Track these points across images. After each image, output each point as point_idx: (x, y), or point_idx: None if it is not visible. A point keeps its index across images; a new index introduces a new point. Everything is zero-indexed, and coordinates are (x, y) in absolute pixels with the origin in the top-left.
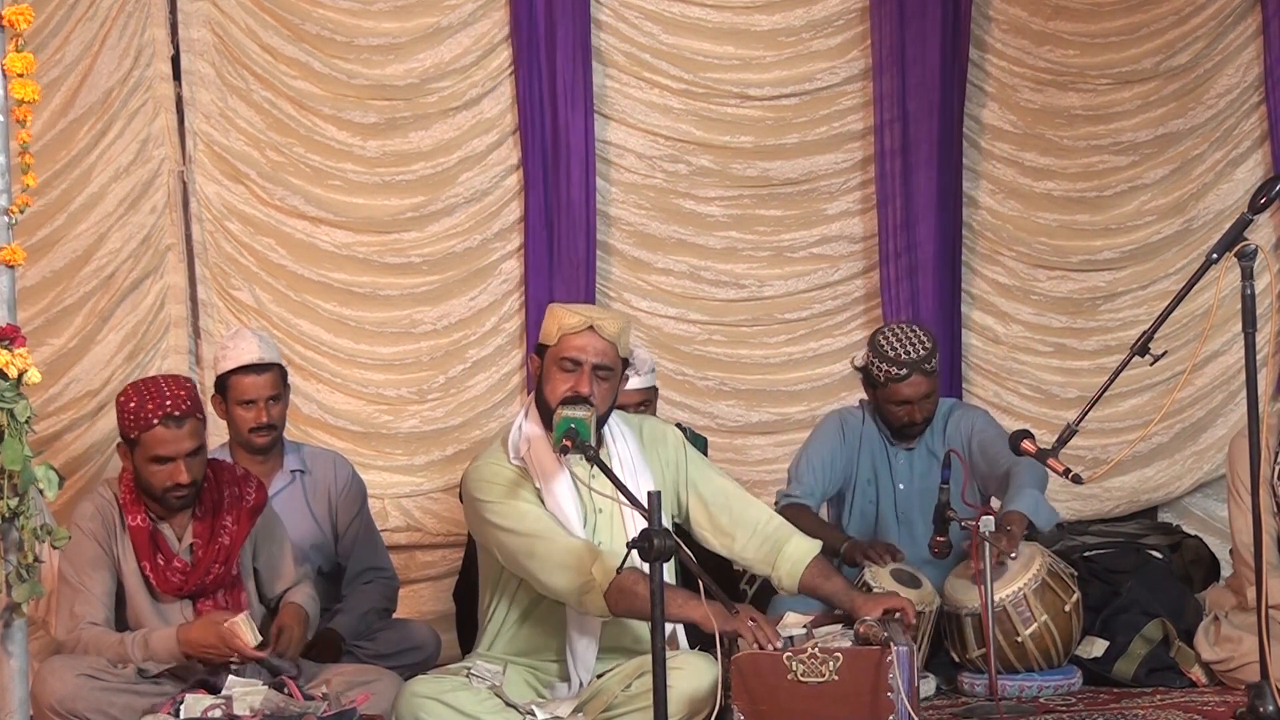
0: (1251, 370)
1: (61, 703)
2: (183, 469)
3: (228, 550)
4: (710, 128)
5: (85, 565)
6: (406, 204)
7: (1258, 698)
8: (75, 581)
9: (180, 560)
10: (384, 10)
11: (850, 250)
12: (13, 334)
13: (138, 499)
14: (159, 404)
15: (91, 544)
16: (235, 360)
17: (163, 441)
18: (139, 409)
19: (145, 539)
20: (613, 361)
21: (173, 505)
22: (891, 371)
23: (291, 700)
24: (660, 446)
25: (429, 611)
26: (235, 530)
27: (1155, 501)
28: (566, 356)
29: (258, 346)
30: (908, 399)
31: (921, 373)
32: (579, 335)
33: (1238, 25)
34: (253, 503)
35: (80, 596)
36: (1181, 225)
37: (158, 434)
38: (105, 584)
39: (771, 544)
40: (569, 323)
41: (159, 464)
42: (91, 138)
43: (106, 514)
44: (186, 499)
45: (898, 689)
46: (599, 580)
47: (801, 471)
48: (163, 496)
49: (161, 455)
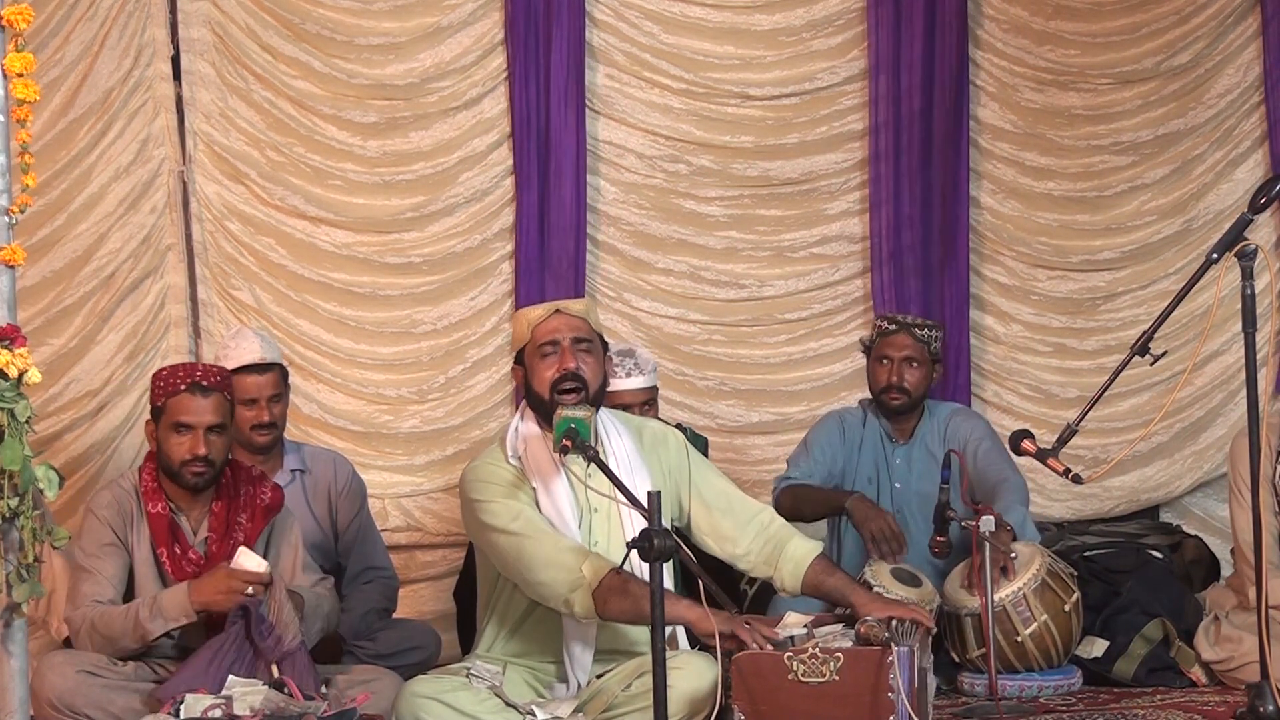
0: (1251, 370)
1: (60, 698)
2: (202, 441)
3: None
4: (710, 128)
5: (98, 549)
6: (406, 204)
7: (1258, 698)
8: (86, 564)
9: (195, 552)
10: (384, 10)
11: (850, 250)
12: (13, 334)
13: (158, 488)
14: (190, 372)
15: (106, 530)
16: (237, 359)
17: (186, 408)
18: (170, 375)
19: (164, 526)
20: (589, 334)
21: (189, 483)
22: (883, 326)
23: (291, 700)
24: (662, 449)
25: (429, 611)
26: (249, 528)
27: (1155, 501)
28: (543, 342)
29: (260, 346)
30: (891, 356)
31: (910, 334)
32: (548, 321)
33: (1238, 25)
34: (268, 502)
35: (91, 578)
36: (1182, 225)
37: (183, 400)
38: (116, 568)
39: (773, 545)
40: (534, 315)
41: (180, 433)
42: (91, 138)
43: (124, 503)
44: (204, 478)
45: (898, 689)
46: (588, 578)
47: (800, 458)
48: (180, 471)
49: (183, 422)
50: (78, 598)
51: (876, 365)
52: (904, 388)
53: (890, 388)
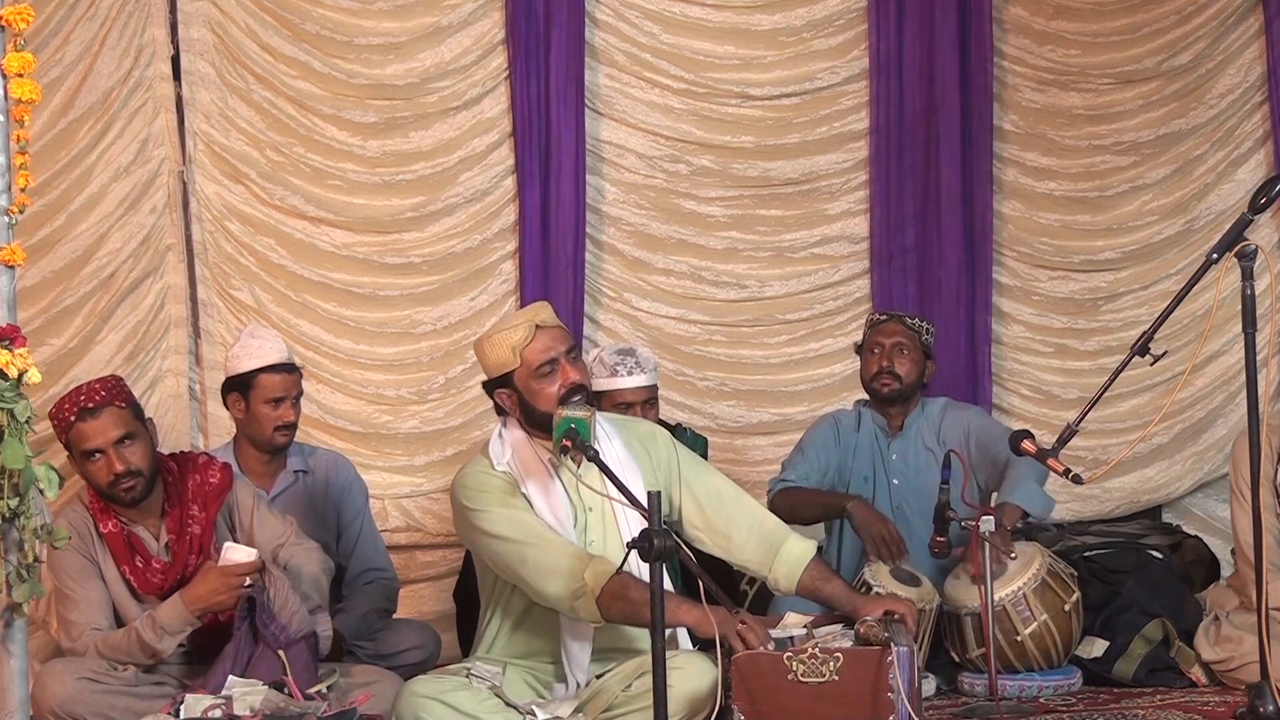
0: (1251, 370)
1: (62, 706)
2: (115, 458)
3: (200, 539)
4: (711, 128)
5: (75, 576)
6: (406, 204)
7: (1258, 698)
8: (69, 592)
9: (159, 560)
10: (384, 10)
11: (851, 250)
12: (13, 334)
13: (106, 507)
14: (74, 402)
15: (75, 556)
16: (262, 358)
17: (85, 435)
18: (59, 412)
19: (121, 543)
20: (570, 339)
21: (125, 500)
22: (874, 318)
23: (291, 700)
24: (651, 446)
25: (429, 611)
26: (203, 517)
27: (1155, 502)
28: (540, 363)
29: (283, 346)
30: (881, 344)
31: (900, 323)
32: (535, 340)
33: (1239, 25)
34: (216, 483)
35: (79, 607)
36: (1183, 225)
37: (79, 430)
38: (99, 591)
39: (768, 545)
40: (516, 338)
41: (92, 460)
42: (91, 138)
43: (81, 526)
44: (136, 490)
45: (898, 689)
46: (591, 585)
47: (795, 460)
48: (112, 493)
49: (88, 449)
50: (71, 629)
51: (868, 355)
52: (894, 372)
53: (881, 372)
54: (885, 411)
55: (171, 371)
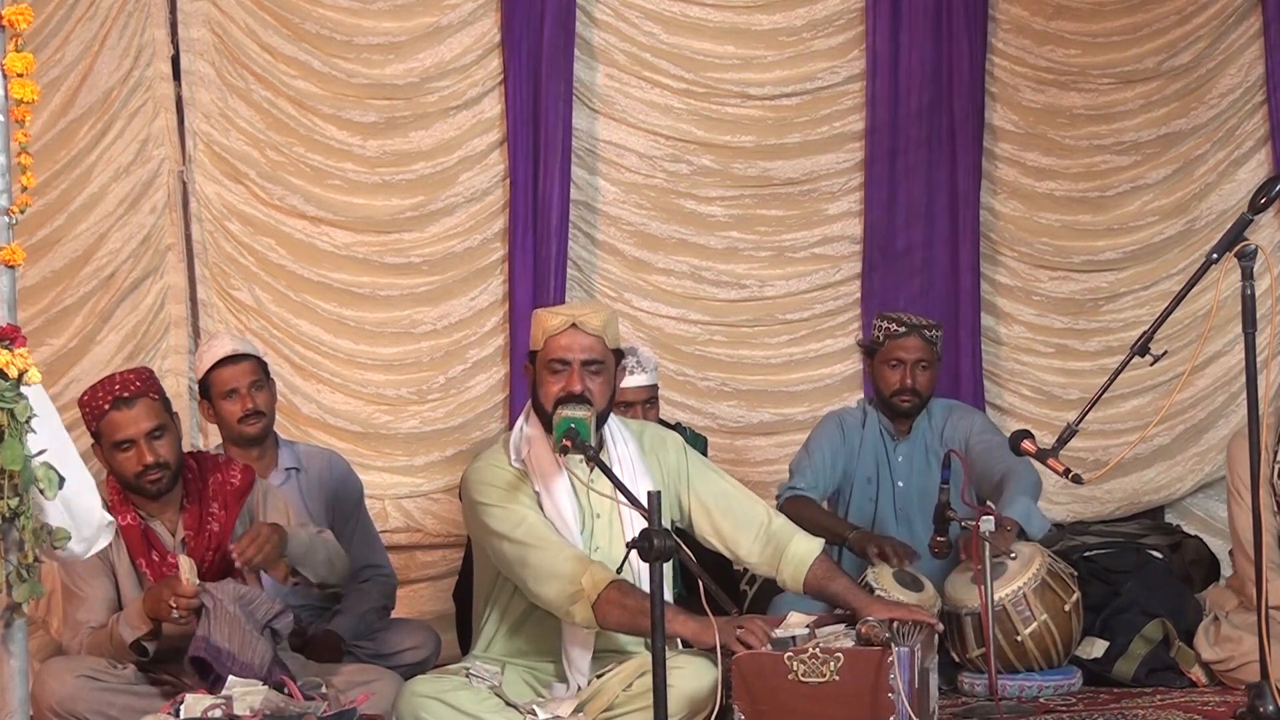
0: (1251, 371)
1: (61, 704)
2: (145, 450)
3: (218, 537)
4: (711, 127)
5: (84, 573)
6: (406, 204)
7: (1258, 698)
8: (77, 590)
9: (174, 555)
10: (383, 10)
11: (851, 250)
12: (13, 334)
13: (125, 499)
14: (108, 390)
15: None
16: (211, 357)
17: (118, 425)
18: (91, 400)
19: (138, 537)
20: (602, 355)
21: (150, 492)
22: (892, 329)
23: (291, 700)
24: (661, 451)
25: (429, 611)
26: (223, 516)
27: (1156, 503)
28: (554, 358)
29: (231, 340)
30: (902, 359)
31: (921, 337)
32: (562, 335)
33: (1240, 25)
34: (238, 485)
35: (83, 605)
36: (1184, 225)
37: (112, 419)
38: (105, 589)
39: (775, 545)
40: (551, 324)
41: (123, 450)
42: (91, 138)
43: None
44: (162, 483)
45: (898, 690)
46: (588, 590)
47: (803, 465)
48: (138, 484)
49: (120, 440)
50: (72, 624)
51: (886, 368)
52: (916, 390)
53: (904, 390)
54: (896, 418)
55: (171, 371)
